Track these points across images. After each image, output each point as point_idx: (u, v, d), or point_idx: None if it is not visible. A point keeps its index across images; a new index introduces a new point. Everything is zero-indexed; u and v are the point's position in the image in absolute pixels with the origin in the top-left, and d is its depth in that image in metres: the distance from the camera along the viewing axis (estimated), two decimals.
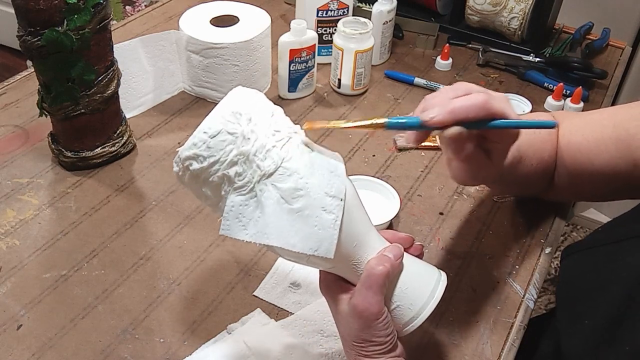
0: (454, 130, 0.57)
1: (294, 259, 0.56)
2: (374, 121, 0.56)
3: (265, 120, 0.54)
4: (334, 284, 0.59)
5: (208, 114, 0.53)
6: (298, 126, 0.56)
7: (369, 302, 0.55)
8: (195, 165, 0.52)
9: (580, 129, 0.73)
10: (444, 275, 0.60)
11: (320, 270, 0.60)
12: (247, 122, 0.53)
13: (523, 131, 0.66)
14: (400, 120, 0.57)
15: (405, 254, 0.59)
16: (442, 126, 0.57)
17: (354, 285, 0.58)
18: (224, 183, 0.53)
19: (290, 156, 0.53)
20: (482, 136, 0.61)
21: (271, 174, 0.52)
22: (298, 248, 0.52)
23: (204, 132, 0.52)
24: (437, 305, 0.58)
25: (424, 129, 0.57)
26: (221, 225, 0.53)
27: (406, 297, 0.58)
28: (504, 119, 0.58)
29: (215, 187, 0.53)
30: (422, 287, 0.58)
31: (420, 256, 0.62)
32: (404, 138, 0.97)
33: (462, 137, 0.58)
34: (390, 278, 0.57)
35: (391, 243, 0.59)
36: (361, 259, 0.56)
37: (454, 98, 0.57)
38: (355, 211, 0.56)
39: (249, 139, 0.52)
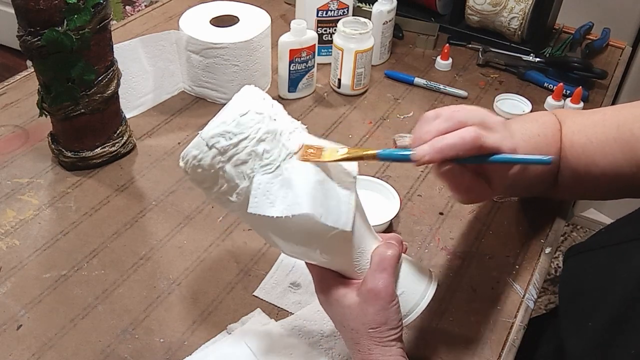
0: (445, 167, 0.56)
1: (301, 255, 0.58)
2: (366, 152, 0.57)
3: (282, 109, 0.57)
4: (334, 281, 0.60)
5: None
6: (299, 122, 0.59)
7: (384, 284, 0.57)
8: (223, 142, 0.53)
9: (583, 130, 0.73)
10: (433, 272, 0.64)
11: (314, 274, 0.61)
12: (271, 106, 0.56)
13: (528, 135, 0.65)
14: (392, 154, 0.58)
15: None
16: (431, 163, 0.56)
17: (353, 279, 0.60)
18: (252, 160, 0.53)
19: (311, 139, 0.57)
20: (475, 169, 0.60)
21: (296, 152, 0.55)
22: (324, 219, 0.53)
23: (233, 111, 0.53)
24: (431, 300, 0.60)
25: (414, 163, 0.57)
26: (249, 204, 0.53)
27: (409, 283, 0.60)
28: (498, 153, 0.57)
29: (240, 164, 0.53)
30: (420, 277, 0.62)
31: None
32: (404, 138, 0.97)
33: (455, 171, 0.57)
34: (399, 262, 0.59)
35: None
36: (364, 251, 0.59)
37: (446, 132, 0.56)
38: (359, 204, 0.59)
39: (275, 119, 0.54)
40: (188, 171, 0.55)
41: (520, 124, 0.71)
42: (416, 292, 0.60)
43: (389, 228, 0.82)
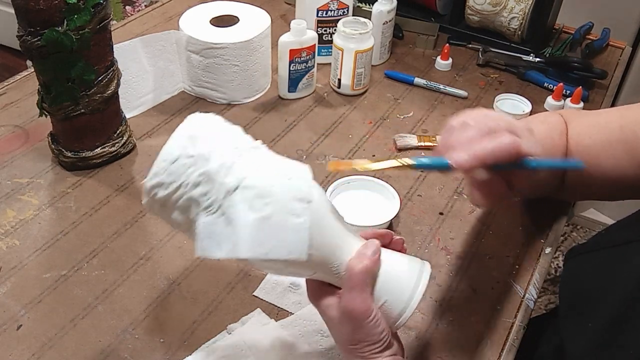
0: (481, 174, 0.57)
1: (275, 272, 0.56)
2: (402, 161, 0.56)
3: (224, 139, 0.55)
4: (320, 290, 0.58)
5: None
6: (259, 141, 0.57)
7: (355, 302, 0.55)
8: (161, 193, 0.53)
9: (588, 131, 0.73)
10: (427, 265, 0.60)
11: (307, 281, 0.60)
12: (205, 143, 0.54)
13: (536, 135, 0.66)
14: (429, 163, 0.57)
15: (384, 249, 0.59)
16: (471, 169, 0.56)
17: (340, 289, 0.58)
18: (192, 205, 0.53)
19: (254, 168, 0.54)
20: (504, 174, 0.60)
21: (236, 188, 0.53)
22: (271, 255, 0.52)
23: (163, 160, 0.53)
24: (423, 295, 0.58)
25: (450, 171, 0.57)
26: (196, 248, 0.53)
27: (392, 290, 0.58)
28: (530, 159, 0.58)
29: (183, 211, 0.54)
30: (406, 279, 0.58)
31: (402, 250, 0.62)
32: (404, 139, 0.97)
33: (490, 178, 0.57)
34: (372, 274, 0.56)
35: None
36: (341, 262, 0.56)
37: (481, 137, 0.56)
38: (327, 216, 0.56)
39: (208, 159, 0.53)
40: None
41: (533, 126, 0.72)
42: (402, 296, 0.58)
43: (389, 228, 0.82)
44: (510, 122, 0.59)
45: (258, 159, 0.55)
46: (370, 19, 1.06)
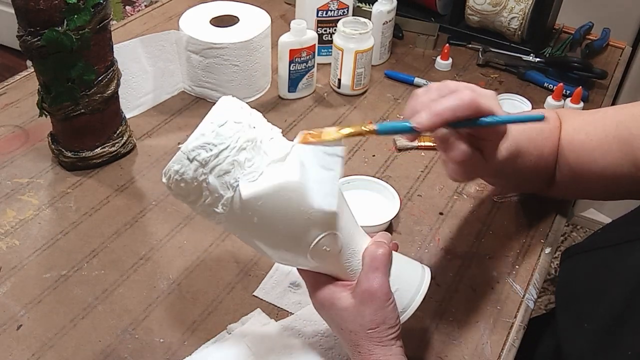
0: (442, 131, 0.57)
1: (288, 261, 0.57)
2: (365, 127, 0.57)
3: (261, 117, 0.57)
4: (327, 285, 0.59)
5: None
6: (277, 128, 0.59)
7: (379, 283, 0.57)
8: (204, 154, 0.53)
9: (583, 128, 0.73)
10: (427, 267, 0.63)
11: (308, 280, 0.61)
12: (250, 114, 0.55)
13: (523, 126, 0.66)
14: (391, 126, 0.58)
15: None
16: (432, 129, 0.57)
17: (346, 281, 0.59)
18: (234, 169, 0.53)
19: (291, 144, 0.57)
20: (473, 135, 0.61)
21: (286, 156, 0.55)
22: (307, 203, 0.54)
23: (211, 122, 0.53)
24: (425, 295, 0.60)
25: (414, 133, 0.57)
26: (240, 218, 0.54)
27: (402, 280, 0.60)
28: (492, 115, 0.58)
29: (223, 174, 0.53)
30: (413, 274, 0.62)
31: None
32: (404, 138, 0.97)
33: (451, 137, 0.58)
34: (390, 260, 0.59)
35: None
36: (355, 251, 0.59)
37: (441, 98, 0.57)
38: (346, 207, 0.59)
39: (254, 127, 0.54)
40: (171, 187, 0.55)
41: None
42: (410, 288, 0.60)
43: (389, 228, 0.82)
44: (473, 86, 0.59)
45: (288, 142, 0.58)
46: (370, 19, 1.06)
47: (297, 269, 0.62)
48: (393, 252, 0.62)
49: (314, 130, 0.57)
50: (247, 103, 0.57)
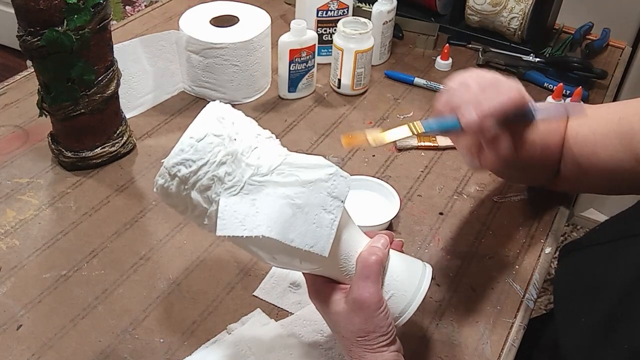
0: (492, 130, 0.57)
1: (280, 262, 0.56)
2: (414, 129, 0.56)
3: (247, 125, 0.56)
4: (324, 287, 0.59)
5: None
6: (268, 131, 0.58)
7: (368, 292, 0.56)
8: (184, 171, 0.53)
9: (588, 122, 0.74)
10: (429, 267, 0.62)
11: (307, 278, 0.61)
12: (231, 125, 0.54)
13: None
14: (439, 125, 0.56)
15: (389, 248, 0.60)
16: (481, 127, 0.56)
17: (343, 284, 0.59)
18: (215, 185, 0.53)
19: (287, 154, 0.55)
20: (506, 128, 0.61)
21: (272, 170, 0.53)
22: (296, 243, 0.53)
23: (190, 137, 0.52)
24: (425, 295, 0.59)
25: (462, 131, 0.56)
26: (217, 226, 0.53)
27: (399, 284, 0.59)
28: (535, 111, 0.58)
29: (204, 190, 0.53)
30: (412, 275, 0.60)
31: (401, 252, 0.64)
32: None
33: (496, 132, 0.57)
34: (383, 267, 0.58)
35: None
36: (350, 256, 0.58)
37: (485, 94, 0.56)
38: (344, 210, 0.58)
39: (235, 139, 0.54)
40: (161, 197, 0.56)
41: None
42: (407, 293, 0.59)
43: (389, 228, 0.82)
44: (506, 78, 0.59)
45: (277, 148, 0.56)
46: (370, 19, 1.06)
47: None
48: (394, 251, 0.61)
49: (358, 133, 0.55)
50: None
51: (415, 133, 0.56)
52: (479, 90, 0.57)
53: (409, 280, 0.60)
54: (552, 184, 0.81)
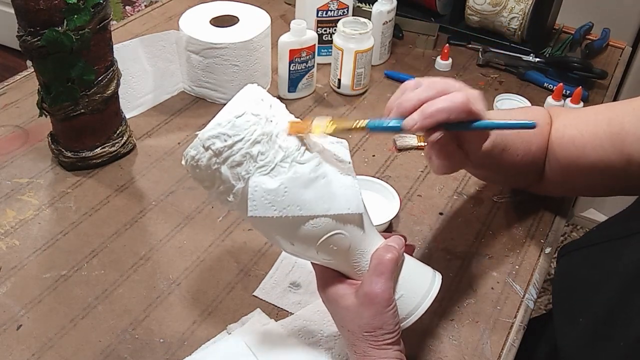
0: (436, 135, 0.58)
1: (300, 253, 0.58)
2: (355, 124, 0.57)
3: (283, 109, 0.58)
4: (334, 280, 0.60)
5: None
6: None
7: (381, 288, 0.56)
8: (219, 144, 0.53)
9: (575, 124, 0.74)
10: (439, 275, 0.63)
11: (316, 271, 0.61)
12: (269, 107, 0.56)
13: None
14: (382, 125, 0.58)
15: None
16: (423, 130, 0.58)
17: (352, 279, 0.60)
18: (246, 162, 0.54)
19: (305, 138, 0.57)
20: (456, 135, 0.62)
21: (292, 153, 0.55)
22: (333, 210, 0.55)
23: (229, 113, 0.53)
24: (432, 302, 0.60)
25: (402, 132, 0.58)
26: (248, 207, 0.54)
27: (409, 287, 0.60)
28: (482, 119, 0.59)
29: (236, 166, 0.54)
30: (423, 280, 0.61)
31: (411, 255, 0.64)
32: (404, 139, 0.97)
33: (444, 138, 0.58)
34: (397, 266, 0.59)
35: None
36: (364, 251, 0.59)
37: (428, 100, 0.57)
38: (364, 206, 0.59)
39: (271, 121, 0.55)
40: (188, 170, 0.56)
41: (507, 112, 0.72)
42: (416, 296, 0.60)
43: (389, 228, 0.82)
44: (462, 85, 0.59)
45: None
46: (370, 19, 1.06)
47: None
48: (406, 255, 0.62)
49: (302, 121, 0.57)
50: None
51: (356, 127, 0.57)
52: (426, 93, 0.58)
53: (420, 285, 0.61)
54: (537, 188, 0.81)
